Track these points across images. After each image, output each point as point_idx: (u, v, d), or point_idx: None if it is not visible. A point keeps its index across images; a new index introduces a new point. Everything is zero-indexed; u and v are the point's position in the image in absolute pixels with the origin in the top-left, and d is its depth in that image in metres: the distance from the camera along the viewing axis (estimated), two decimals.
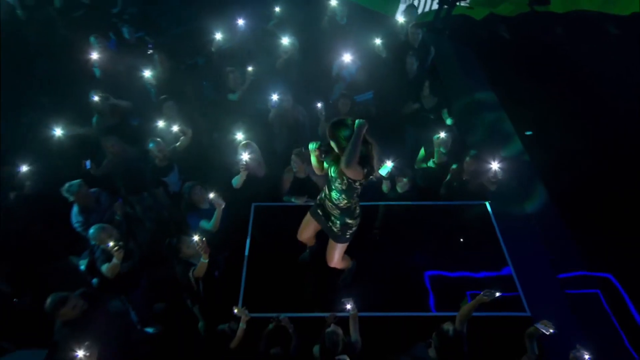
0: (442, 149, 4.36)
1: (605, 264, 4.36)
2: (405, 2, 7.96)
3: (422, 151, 4.67)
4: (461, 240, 4.20)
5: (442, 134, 4.26)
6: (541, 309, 3.48)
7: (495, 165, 3.96)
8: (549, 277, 4.17)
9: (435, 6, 7.45)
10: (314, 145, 2.99)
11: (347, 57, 5.13)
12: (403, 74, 5.27)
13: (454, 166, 4.33)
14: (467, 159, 4.15)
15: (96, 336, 3.13)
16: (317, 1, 6.15)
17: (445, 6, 7.01)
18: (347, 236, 3.28)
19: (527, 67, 6.26)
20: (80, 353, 2.80)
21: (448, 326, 2.99)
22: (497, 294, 3.01)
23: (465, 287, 3.74)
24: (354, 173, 2.78)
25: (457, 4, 7.16)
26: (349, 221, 3.19)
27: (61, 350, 3.13)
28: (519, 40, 6.70)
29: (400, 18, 5.69)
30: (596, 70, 6.15)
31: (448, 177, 4.35)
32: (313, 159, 3.11)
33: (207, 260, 3.43)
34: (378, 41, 5.31)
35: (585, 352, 2.77)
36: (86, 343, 2.86)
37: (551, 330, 2.82)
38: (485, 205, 4.27)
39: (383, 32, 5.49)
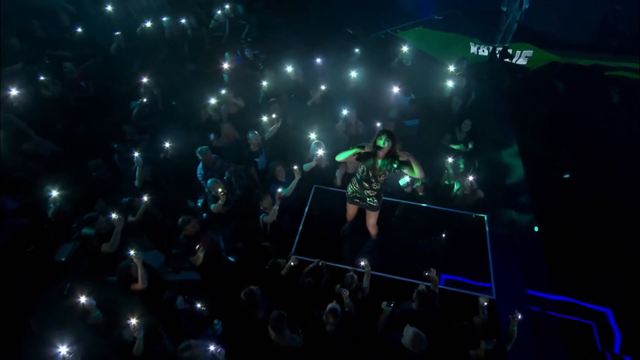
0: (450, 171, 5.11)
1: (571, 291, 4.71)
2: (476, 46, 8.67)
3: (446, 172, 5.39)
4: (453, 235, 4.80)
5: (450, 159, 5.00)
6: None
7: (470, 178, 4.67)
8: (520, 290, 4.62)
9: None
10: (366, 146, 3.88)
11: (403, 90, 5.97)
12: (447, 110, 6.02)
13: (457, 186, 5.03)
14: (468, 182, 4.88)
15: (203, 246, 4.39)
16: (392, 46, 7.05)
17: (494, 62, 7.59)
18: (379, 205, 4.32)
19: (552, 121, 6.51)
20: None
21: (423, 287, 3.86)
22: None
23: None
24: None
25: (504, 60, 7.70)
26: (381, 195, 4.26)
27: (182, 252, 4.50)
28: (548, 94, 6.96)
29: (451, 67, 6.34)
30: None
31: (455, 190, 5.06)
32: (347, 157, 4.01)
33: (277, 208, 4.51)
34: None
35: (519, 314, 3.48)
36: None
37: (486, 304, 3.61)
38: (484, 217, 4.86)
39: (437, 76, 6.29)
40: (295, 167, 4.77)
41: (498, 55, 7.91)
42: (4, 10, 6.03)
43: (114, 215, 4.21)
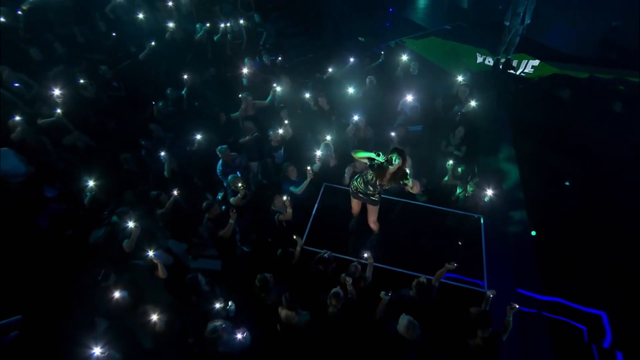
0: (450, 173, 5.34)
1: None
2: (482, 56, 8.91)
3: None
4: (459, 243, 5.00)
5: (450, 161, 5.24)
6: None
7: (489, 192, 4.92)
8: (511, 289, 4.82)
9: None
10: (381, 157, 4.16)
11: (409, 98, 6.23)
12: (448, 117, 6.25)
13: (459, 190, 5.27)
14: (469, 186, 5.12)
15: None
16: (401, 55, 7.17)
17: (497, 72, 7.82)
18: (379, 199, 4.63)
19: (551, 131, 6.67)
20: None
21: (423, 279, 4.12)
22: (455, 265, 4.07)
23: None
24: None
25: (507, 71, 7.92)
26: (381, 191, 4.56)
27: (206, 233, 4.86)
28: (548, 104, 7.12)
29: (459, 77, 6.56)
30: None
31: (457, 193, 5.29)
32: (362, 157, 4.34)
33: (291, 210, 4.90)
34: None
35: (516, 304, 3.71)
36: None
37: (491, 296, 3.85)
38: (479, 218, 5.09)
39: (442, 85, 6.55)
40: (309, 168, 5.08)
41: (501, 66, 8.13)
42: (50, 18, 6.50)
43: (130, 224, 4.41)
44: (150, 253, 4.11)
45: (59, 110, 5.53)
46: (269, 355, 4.02)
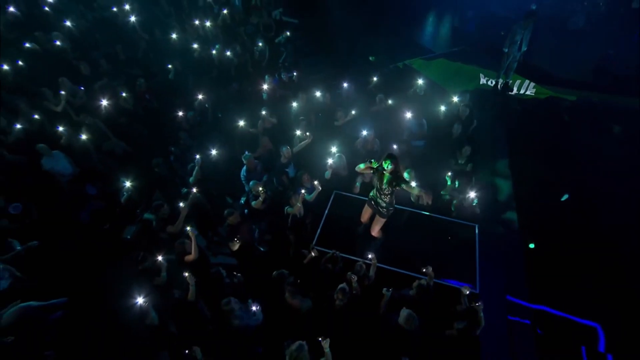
0: (449, 185, 5.71)
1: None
2: (485, 77, 9.32)
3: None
4: (449, 237, 5.34)
5: (449, 173, 5.59)
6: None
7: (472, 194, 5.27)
8: (500, 294, 5.11)
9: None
10: (374, 163, 4.66)
11: (414, 116, 6.63)
12: (449, 135, 6.60)
13: (454, 202, 5.63)
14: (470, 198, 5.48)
15: (241, 237, 5.19)
16: (408, 77, 7.75)
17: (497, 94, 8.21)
18: (387, 214, 4.99)
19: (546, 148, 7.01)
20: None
21: (424, 281, 4.51)
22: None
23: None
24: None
25: (506, 93, 8.32)
26: (390, 207, 4.93)
27: (224, 237, 5.29)
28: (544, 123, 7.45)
29: (455, 98, 6.95)
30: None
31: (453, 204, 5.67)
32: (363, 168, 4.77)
33: (300, 204, 5.25)
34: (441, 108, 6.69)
35: (481, 302, 4.06)
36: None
37: (467, 292, 4.21)
38: (474, 227, 5.42)
39: (444, 104, 6.92)
40: (316, 182, 5.50)
41: (500, 87, 8.53)
42: (97, 39, 7.18)
43: (181, 204, 5.00)
44: (188, 228, 4.58)
45: (98, 120, 6.08)
46: (279, 337, 4.36)
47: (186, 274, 4.18)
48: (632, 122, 7.46)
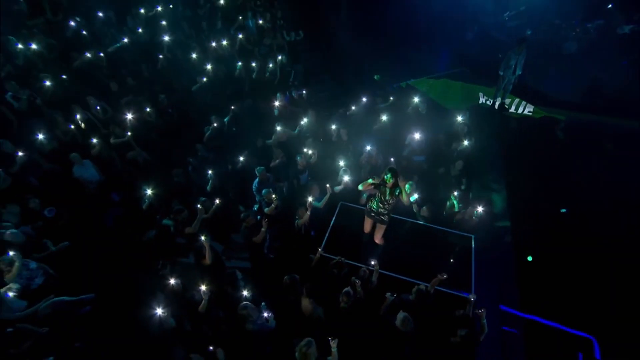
0: (454, 202, 6.00)
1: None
2: (484, 97, 9.70)
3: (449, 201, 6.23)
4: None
5: (455, 193, 5.91)
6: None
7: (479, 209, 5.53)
8: (494, 303, 5.30)
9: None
10: (376, 179, 5.03)
11: (416, 134, 6.98)
12: (448, 151, 6.97)
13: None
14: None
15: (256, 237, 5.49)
16: (409, 95, 8.08)
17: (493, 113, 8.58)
18: (387, 220, 5.30)
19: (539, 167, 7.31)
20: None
21: (423, 286, 4.78)
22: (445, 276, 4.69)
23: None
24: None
25: (502, 112, 8.69)
26: (390, 214, 5.26)
27: (244, 237, 5.60)
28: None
29: (459, 117, 7.31)
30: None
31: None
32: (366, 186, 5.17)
33: (309, 213, 5.56)
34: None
35: (484, 309, 4.30)
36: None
37: (473, 299, 4.44)
38: (471, 238, 5.66)
39: (444, 123, 7.29)
40: (328, 185, 5.84)
41: (497, 107, 8.90)
42: (124, 57, 7.72)
43: (199, 206, 5.38)
44: (202, 237, 4.89)
45: (129, 133, 6.49)
46: (288, 341, 4.62)
47: (202, 288, 4.39)
48: (623, 140, 7.76)
